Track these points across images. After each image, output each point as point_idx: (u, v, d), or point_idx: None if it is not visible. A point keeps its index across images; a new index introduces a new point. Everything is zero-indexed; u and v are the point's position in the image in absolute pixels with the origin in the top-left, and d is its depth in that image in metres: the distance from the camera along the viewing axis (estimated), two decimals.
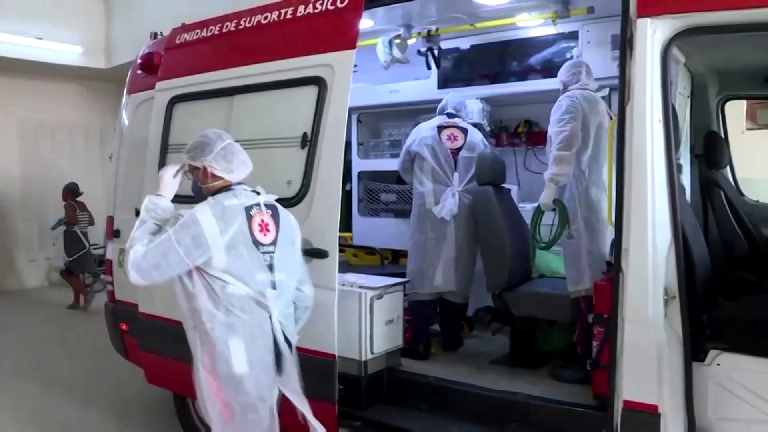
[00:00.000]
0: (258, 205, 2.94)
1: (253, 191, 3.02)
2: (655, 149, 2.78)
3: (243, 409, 2.85)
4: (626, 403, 2.83)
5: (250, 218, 2.88)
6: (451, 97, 5.05)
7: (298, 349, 3.18)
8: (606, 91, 4.32)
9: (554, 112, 4.10)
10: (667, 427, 2.74)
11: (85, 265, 9.52)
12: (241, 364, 2.80)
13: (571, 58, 4.87)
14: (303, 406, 2.98)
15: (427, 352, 4.59)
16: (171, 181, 3.02)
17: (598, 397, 3.42)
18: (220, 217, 2.81)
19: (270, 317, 2.88)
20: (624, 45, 2.89)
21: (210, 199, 2.91)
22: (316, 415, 3.55)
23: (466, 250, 4.71)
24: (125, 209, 4.97)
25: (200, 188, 3.07)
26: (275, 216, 3.00)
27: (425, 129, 4.85)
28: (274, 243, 2.95)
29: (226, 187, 2.98)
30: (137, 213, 4.50)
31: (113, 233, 5.10)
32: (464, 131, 4.86)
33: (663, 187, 2.80)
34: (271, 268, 2.91)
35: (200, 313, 2.83)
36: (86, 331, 7.63)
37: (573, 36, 4.86)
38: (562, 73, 4.31)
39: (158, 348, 4.37)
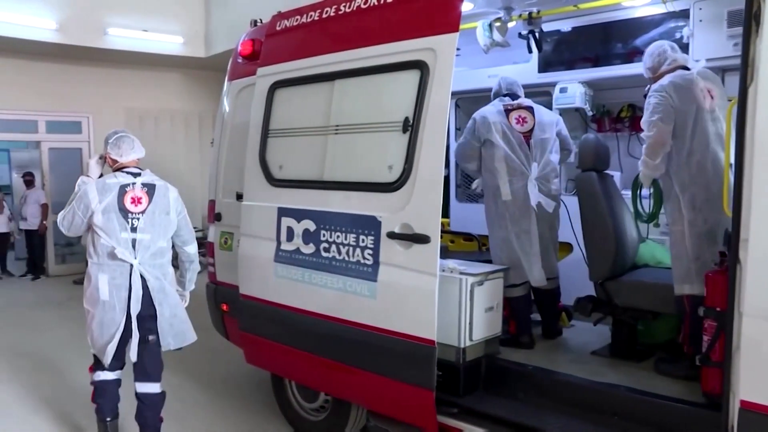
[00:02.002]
0: (134, 184, 4.07)
1: (137, 174, 4.11)
2: None
3: (100, 323, 4.04)
4: (744, 403, 2.66)
5: (123, 193, 4.03)
6: (502, 78, 4.77)
7: (396, 334, 3.56)
8: (704, 62, 4.04)
9: (645, 109, 3.78)
10: None
11: None
12: (104, 293, 4.02)
13: (681, 38, 4.65)
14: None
15: (532, 341, 4.45)
16: (95, 166, 4.26)
17: (708, 395, 3.25)
18: (100, 191, 4.02)
19: (132, 267, 4.01)
20: (748, 20, 2.69)
21: (100, 178, 4.13)
22: (412, 401, 3.56)
23: (548, 237, 4.54)
24: (227, 193, 5.10)
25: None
26: (150, 192, 4.11)
27: (492, 113, 4.50)
28: (143, 212, 4.07)
29: (120, 169, 4.13)
30: (238, 197, 4.69)
31: (215, 216, 5.25)
32: (531, 110, 4.55)
33: None
34: (134, 229, 4.04)
35: (88, 255, 4.11)
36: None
37: (683, 14, 4.62)
38: (647, 60, 3.95)
39: (258, 329, 4.48)
